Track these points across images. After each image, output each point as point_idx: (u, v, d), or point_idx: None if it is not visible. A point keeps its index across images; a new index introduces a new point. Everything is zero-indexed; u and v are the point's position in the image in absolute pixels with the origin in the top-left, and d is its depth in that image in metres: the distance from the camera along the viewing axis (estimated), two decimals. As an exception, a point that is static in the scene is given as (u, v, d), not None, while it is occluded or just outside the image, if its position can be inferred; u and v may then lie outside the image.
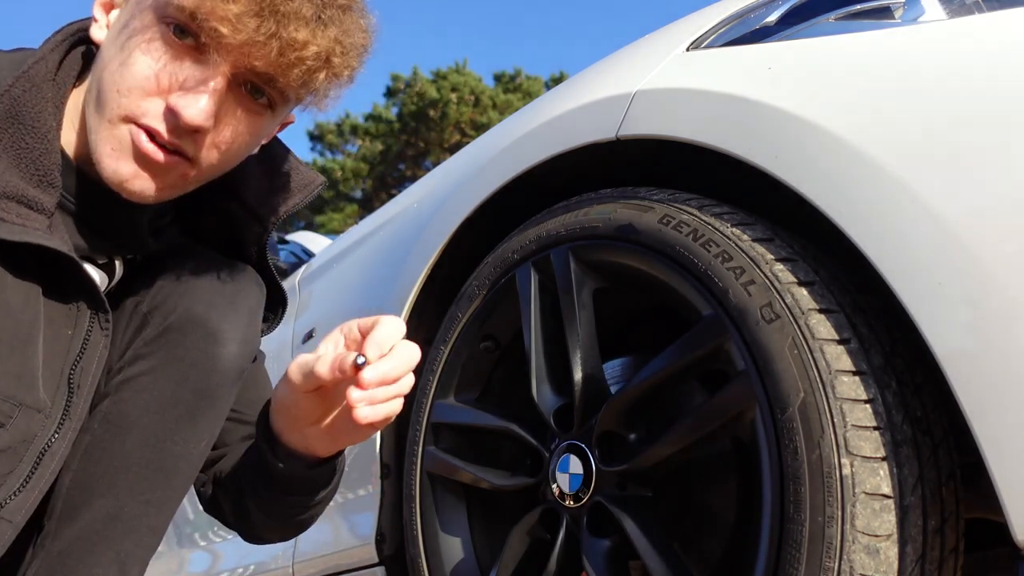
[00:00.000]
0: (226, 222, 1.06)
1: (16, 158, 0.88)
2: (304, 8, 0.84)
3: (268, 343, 2.09)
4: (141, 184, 0.89)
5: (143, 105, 0.86)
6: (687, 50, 1.22)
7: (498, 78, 21.89)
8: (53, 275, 0.93)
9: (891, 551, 0.89)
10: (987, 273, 0.84)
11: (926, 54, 0.97)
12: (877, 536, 0.89)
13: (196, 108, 0.85)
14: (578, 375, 1.22)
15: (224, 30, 0.82)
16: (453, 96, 20.31)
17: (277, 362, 1.74)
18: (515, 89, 21.21)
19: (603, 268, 1.24)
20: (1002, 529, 0.82)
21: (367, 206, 20.31)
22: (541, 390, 1.29)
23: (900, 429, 0.92)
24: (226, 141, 0.91)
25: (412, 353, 0.87)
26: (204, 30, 0.83)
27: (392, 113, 20.94)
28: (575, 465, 1.20)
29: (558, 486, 1.21)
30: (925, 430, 0.94)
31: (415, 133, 20.58)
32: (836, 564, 0.89)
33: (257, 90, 0.90)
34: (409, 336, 0.90)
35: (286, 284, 2.25)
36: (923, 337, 0.87)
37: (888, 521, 0.89)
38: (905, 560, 0.90)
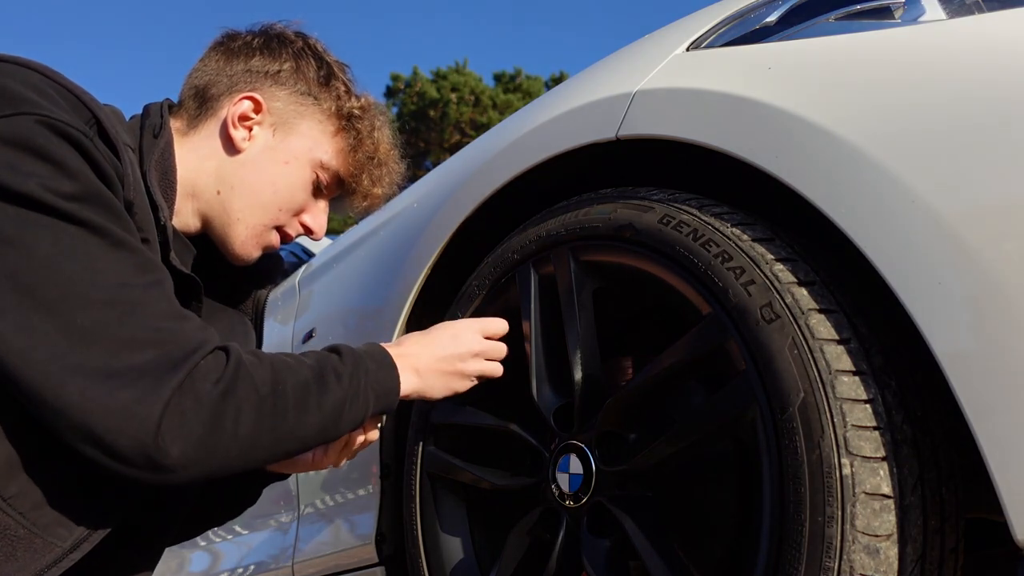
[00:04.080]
0: (223, 275, 1.29)
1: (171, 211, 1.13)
2: (390, 191, 1.29)
3: (268, 343, 2.09)
4: (253, 260, 1.23)
5: (291, 220, 1.23)
6: (687, 50, 1.22)
7: (498, 78, 21.91)
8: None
9: (891, 551, 0.89)
10: (987, 273, 0.84)
11: (926, 54, 0.97)
12: (877, 536, 0.89)
13: (323, 229, 1.26)
14: (578, 375, 1.22)
15: (364, 203, 1.26)
16: (453, 96, 20.33)
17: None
18: (515, 89, 21.22)
19: (603, 268, 1.24)
20: (1002, 529, 0.82)
21: (367, 206, 20.27)
22: (541, 390, 1.29)
23: (900, 429, 0.92)
24: None
25: None
26: (343, 190, 1.25)
27: (392, 113, 20.95)
28: (575, 465, 1.20)
29: (558, 486, 1.21)
30: (925, 430, 0.94)
31: (415, 133, 20.59)
32: (836, 564, 0.89)
33: None
34: (410, 336, 0.96)
35: (286, 284, 2.25)
36: (923, 337, 0.87)
37: (888, 521, 0.89)
38: (905, 560, 0.90)
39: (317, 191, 1.23)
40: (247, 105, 1.17)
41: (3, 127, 0.88)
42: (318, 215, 1.25)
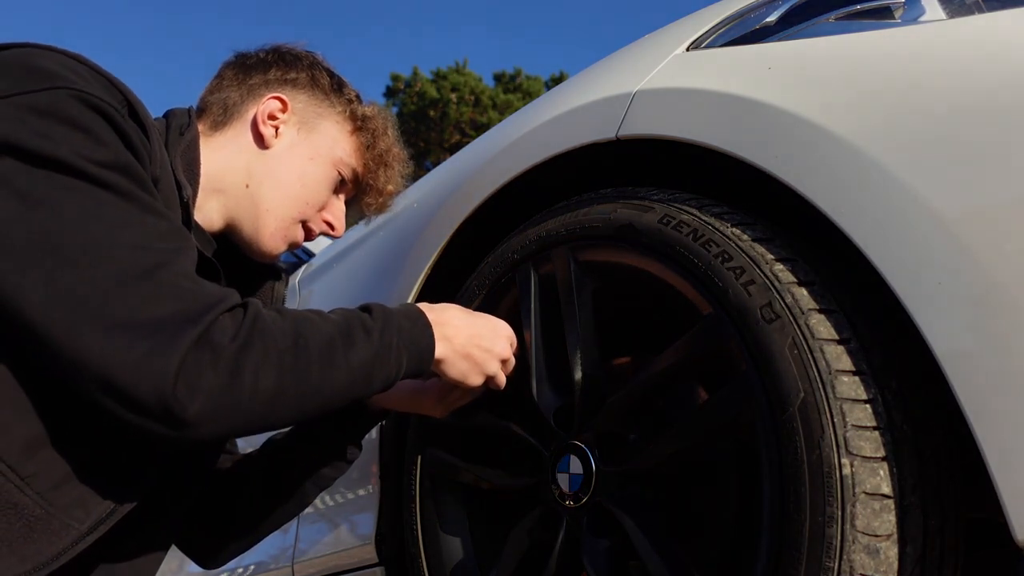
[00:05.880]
0: (239, 271, 1.31)
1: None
2: (399, 189, 1.36)
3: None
4: (275, 256, 1.28)
5: (315, 216, 1.29)
6: (687, 50, 1.22)
7: (498, 78, 21.92)
8: None
9: (891, 551, 0.89)
10: (987, 273, 0.84)
11: (926, 54, 0.97)
12: (877, 536, 0.89)
13: (343, 226, 1.32)
14: (578, 375, 1.22)
15: (378, 200, 1.33)
16: (453, 96, 20.35)
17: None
18: (515, 89, 21.24)
19: (603, 268, 1.24)
20: (1002, 529, 0.82)
21: (367, 206, 20.27)
22: (541, 390, 1.29)
23: (900, 429, 0.92)
24: None
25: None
26: (358, 188, 1.32)
27: (392, 112, 20.94)
28: (575, 465, 1.20)
29: (558, 486, 1.21)
30: (925, 430, 0.94)
31: (415, 133, 20.58)
32: (836, 564, 0.89)
33: None
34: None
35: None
36: (923, 337, 0.87)
37: (888, 521, 0.89)
38: (905, 560, 0.90)
39: (337, 188, 1.30)
40: (275, 105, 1.25)
41: (38, 99, 0.90)
42: (338, 212, 1.31)
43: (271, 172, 1.23)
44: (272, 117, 1.24)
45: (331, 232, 1.31)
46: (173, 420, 0.88)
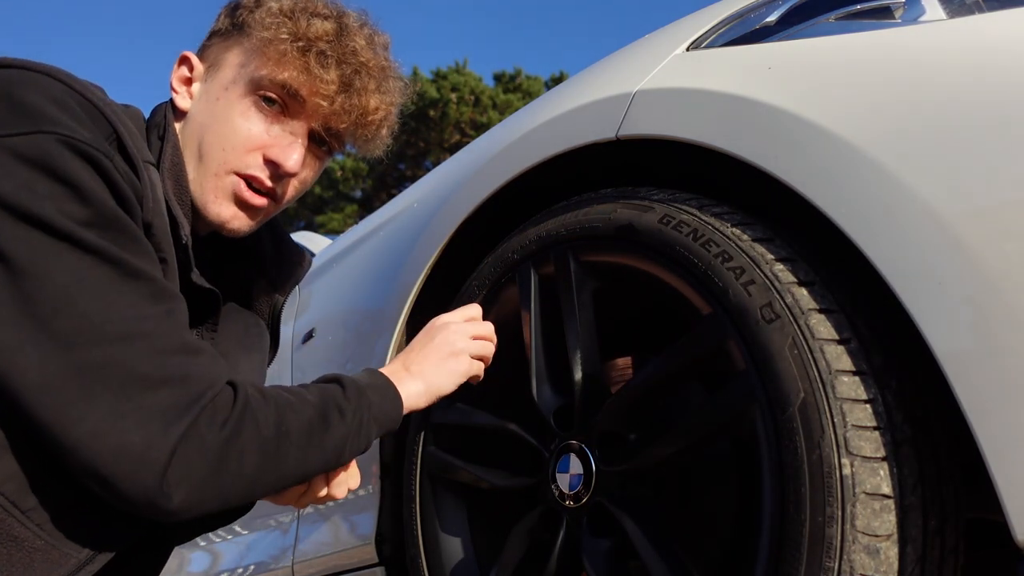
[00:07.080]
0: (240, 277, 1.25)
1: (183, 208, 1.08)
2: (371, 83, 1.12)
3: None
4: (239, 223, 1.12)
5: (245, 159, 1.09)
6: (687, 50, 1.22)
7: (498, 78, 21.91)
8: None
9: (891, 551, 0.89)
10: (987, 273, 0.84)
11: (926, 54, 0.97)
12: (877, 536, 0.89)
13: (293, 160, 1.10)
14: (578, 375, 1.22)
15: (323, 103, 1.08)
16: (453, 96, 20.33)
17: (277, 363, 1.74)
18: (515, 89, 21.23)
19: (603, 268, 1.24)
20: (1002, 529, 0.82)
21: (367, 206, 20.31)
22: (541, 390, 1.29)
23: (900, 429, 0.92)
24: (302, 181, 1.16)
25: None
26: (297, 100, 1.09)
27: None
28: (575, 465, 1.20)
29: (558, 486, 1.21)
30: (925, 430, 0.94)
31: (415, 133, 20.58)
32: (836, 564, 0.89)
33: (321, 141, 1.15)
34: (409, 337, 0.95)
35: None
36: (923, 337, 0.87)
37: (888, 521, 0.89)
38: (905, 560, 0.90)
39: (270, 116, 1.10)
40: (183, 69, 1.15)
41: (24, 145, 0.88)
42: (281, 142, 1.10)
43: (189, 137, 1.11)
44: (186, 82, 1.13)
45: (280, 171, 1.10)
46: (157, 509, 0.89)
